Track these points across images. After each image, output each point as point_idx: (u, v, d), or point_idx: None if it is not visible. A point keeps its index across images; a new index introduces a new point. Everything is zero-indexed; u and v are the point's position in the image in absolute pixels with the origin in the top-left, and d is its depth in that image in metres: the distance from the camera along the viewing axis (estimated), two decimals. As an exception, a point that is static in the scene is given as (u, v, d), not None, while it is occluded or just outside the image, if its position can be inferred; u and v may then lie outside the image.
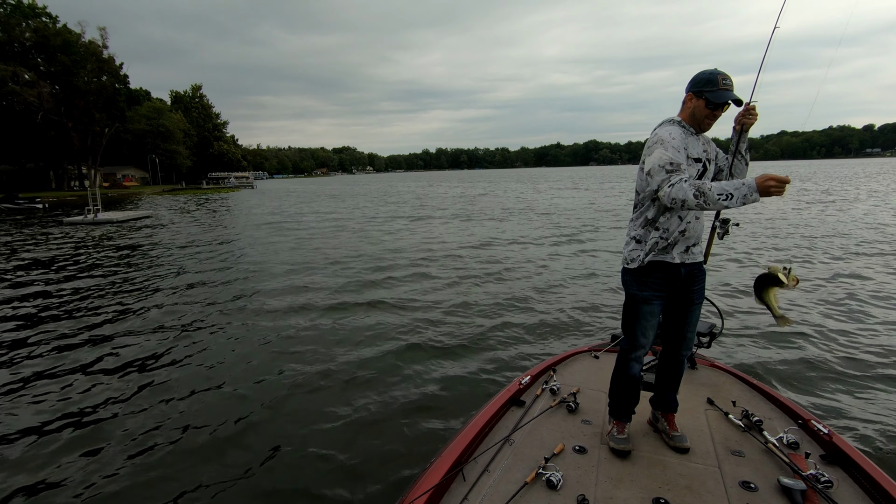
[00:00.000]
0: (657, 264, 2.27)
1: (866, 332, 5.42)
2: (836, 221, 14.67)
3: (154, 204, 34.46)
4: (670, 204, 2.06)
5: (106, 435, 3.62)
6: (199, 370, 4.77)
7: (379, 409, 3.84)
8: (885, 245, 10.52)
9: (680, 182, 2.03)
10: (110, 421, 3.82)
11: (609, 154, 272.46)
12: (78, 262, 11.00)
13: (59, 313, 6.82)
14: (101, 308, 7.01)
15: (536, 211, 21.20)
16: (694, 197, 1.96)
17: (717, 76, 2.14)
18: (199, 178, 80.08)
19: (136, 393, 4.27)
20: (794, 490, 1.96)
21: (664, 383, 2.49)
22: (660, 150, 2.13)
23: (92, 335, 5.84)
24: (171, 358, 5.09)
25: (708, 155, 2.27)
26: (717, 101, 2.14)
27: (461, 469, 2.12)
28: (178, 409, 3.98)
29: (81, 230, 17.40)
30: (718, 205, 1.92)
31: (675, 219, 2.23)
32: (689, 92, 2.21)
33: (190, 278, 8.98)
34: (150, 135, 66.70)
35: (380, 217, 20.44)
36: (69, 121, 48.58)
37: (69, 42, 48.09)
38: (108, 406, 4.06)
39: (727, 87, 2.13)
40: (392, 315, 6.39)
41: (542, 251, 11.13)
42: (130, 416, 3.89)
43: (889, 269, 8.33)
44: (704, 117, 2.19)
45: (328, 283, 8.33)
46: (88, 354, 5.23)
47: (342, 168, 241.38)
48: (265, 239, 14.48)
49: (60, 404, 4.11)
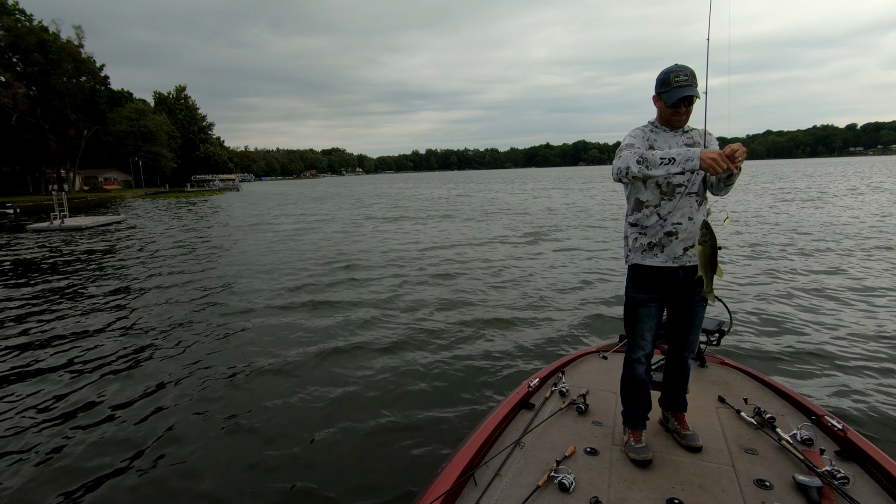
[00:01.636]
0: (648, 269, 2.27)
1: (877, 324, 5.34)
2: (848, 217, 14.51)
3: (131, 208, 33.50)
4: (616, 175, 2.12)
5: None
6: (199, 369, 4.71)
7: (387, 416, 3.77)
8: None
9: (625, 153, 2.10)
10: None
11: (598, 154, 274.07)
12: (30, 272, 10.28)
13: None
14: (36, 319, 6.36)
15: (536, 211, 21.00)
16: (637, 163, 2.02)
17: (670, 75, 2.15)
18: (184, 181, 78.83)
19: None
20: (810, 487, 1.91)
21: (671, 384, 2.47)
22: (621, 143, 2.27)
23: (22, 347, 5.19)
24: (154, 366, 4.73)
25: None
26: (667, 102, 2.17)
27: (472, 474, 2.10)
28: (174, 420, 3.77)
29: (44, 237, 16.57)
30: (661, 169, 1.96)
31: (653, 216, 2.23)
32: (654, 93, 2.25)
33: (149, 284, 8.35)
34: (132, 137, 65.34)
35: (376, 218, 20.05)
36: (46, 123, 47.23)
37: (44, 41, 46.75)
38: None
39: (680, 84, 2.12)
40: (394, 319, 6.22)
41: (543, 251, 10.94)
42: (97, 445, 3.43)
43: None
44: (670, 115, 2.20)
45: (322, 283, 8.29)
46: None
47: (331, 170, 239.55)
48: (236, 248, 13.82)
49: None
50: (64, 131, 49.04)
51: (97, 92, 55.15)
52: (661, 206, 2.22)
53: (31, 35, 45.94)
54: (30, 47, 45.52)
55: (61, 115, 48.41)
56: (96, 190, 60.75)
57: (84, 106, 52.41)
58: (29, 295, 8.29)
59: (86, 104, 52.69)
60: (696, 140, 2.25)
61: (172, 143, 75.68)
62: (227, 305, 7.15)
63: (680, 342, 2.39)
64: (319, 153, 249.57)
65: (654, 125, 2.29)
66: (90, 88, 53.45)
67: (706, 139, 2.26)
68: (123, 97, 73.12)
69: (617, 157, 2.16)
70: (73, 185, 55.81)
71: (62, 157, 51.36)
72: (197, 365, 4.91)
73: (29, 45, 45.36)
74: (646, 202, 2.25)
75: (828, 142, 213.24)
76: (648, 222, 2.24)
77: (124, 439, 3.57)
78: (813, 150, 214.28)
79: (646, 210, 2.24)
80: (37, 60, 45.93)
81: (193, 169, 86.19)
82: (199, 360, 5.05)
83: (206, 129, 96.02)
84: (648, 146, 2.22)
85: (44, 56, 46.45)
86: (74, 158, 52.12)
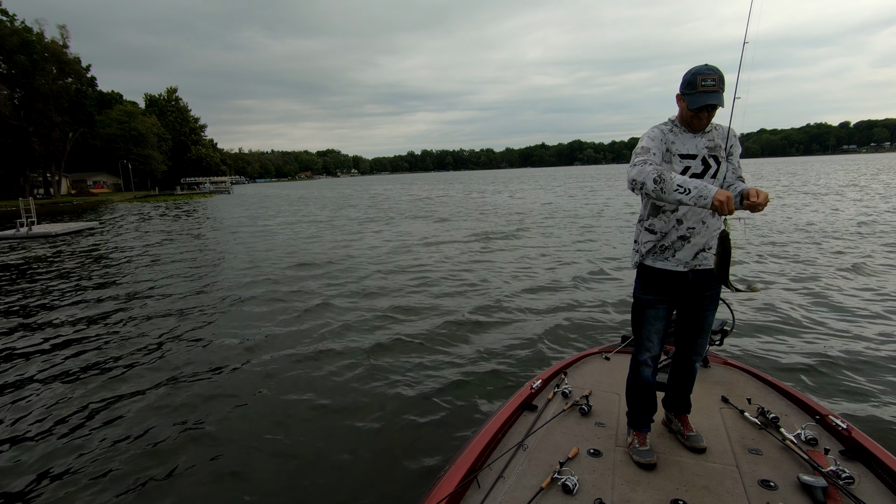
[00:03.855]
0: (658, 271, 2.24)
1: (881, 323, 5.31)
2: (845, 219, 14.25)
3: (114, 212, 32.56)
4: (630, 185, 2.06)
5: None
6: (194, 365, 4.73)
7: (389, 419, 3.74)
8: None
9: (643, 164, 2.03)
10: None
11: (593, 154, 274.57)
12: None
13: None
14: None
15: (535, 212, 20.59)
16: (654, 182, 1.96)
17: (696, 78, 2.05)
18: (175, 184, 77.66)
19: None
20: (815, 487, 1.90)
21: (676, 386, 2.44)
22: (639, 143, 2.20)
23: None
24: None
25: (712, 152, 2.17)
26: (689, 106, 2.09)
27: (476, 476, 2.09)
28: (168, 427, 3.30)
29: (7, 245, 15.60)
30: (674, 195, 1.92)
31: (671, 221, 2.19)
32: (679, 92, 2.16)
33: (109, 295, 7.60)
34: (121, 139, 64.19)
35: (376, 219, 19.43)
36: (29, 125, 46.12)
37: (28, 42, 45.64)
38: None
39: (706, 90, 2.03)
40: (395, 321, 6.15)
41: (544, 253, 10.73)
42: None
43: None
44: (691, 118, 2.14)
45: (321, 283, 8.40)
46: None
47: (326, 171, 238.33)
48: (201, 255, 13.04)
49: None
50: (48, 134, 47.87)
51: (83, 93, 54.02)
52: (679, 210, 2.17)
53: (14, 36, 44.80)
54: (13, 48, 44.40)
55: (45, 118, 47.26)
56: (83, 194, 59.65)
57: (70, 108, 51.27)
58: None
59: (72, 106, 51.56)
60: (717, 142, 2.18)
61: (163, 145, 74.56)
62: (176, 316, 6.58)
63: (689, 346, 2.34)
64: (314, 154, 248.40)
65: (674, 124, 2.21)
66: (76, 90, 52.30)
67: (729, 139, 2.19)
68: (113, 99, 71.96)
69: (632, 164, 2.07)
70: (58, 189, 54.68)
71: (47, 161, 50.19)
72: (178, 372, 4.58)
73: (12, 45, 44.23)
74: (663, 207, 2.20)
75: (821, 140, 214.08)
76: (665, 228, 2.20)
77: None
78: (807, 149, 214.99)
79: (663, 215, 2.20)
80: (20, 61, 44.82)
81: (185, 171, 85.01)
82: (175, 370, 4.73)
83: (198, 131, 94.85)
84: (665, 148, 2.16)
85: (27, 57, 45.35)
86: (59, 161, 50.95)
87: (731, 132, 2.19)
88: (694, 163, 2.15)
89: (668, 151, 2.15)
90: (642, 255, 2.27)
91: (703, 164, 2.15)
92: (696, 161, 2.15)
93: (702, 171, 2.15)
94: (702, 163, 2.15)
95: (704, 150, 2.16)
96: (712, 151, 2.16)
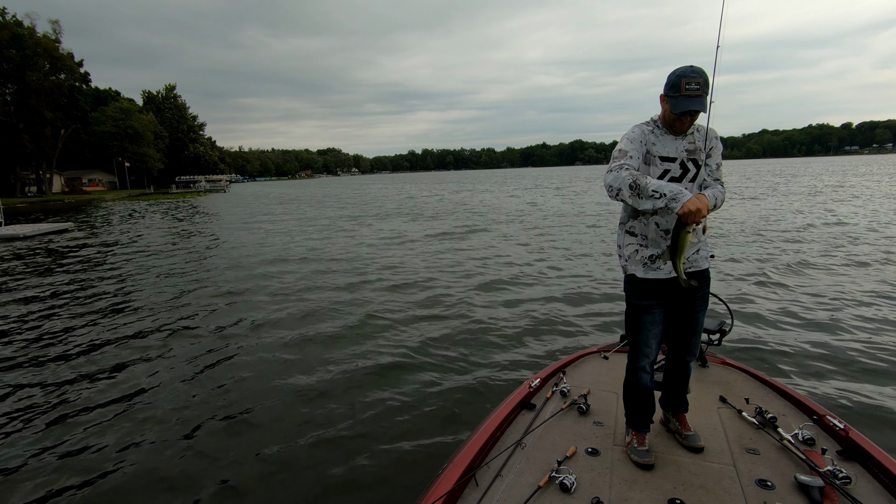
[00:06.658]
0: (651, 281, 2.21)
1: (878, 323, 5.30)
2: (849, 213, 14.10)
3: (101, 211, 31.71)
4: (607, 191, 2.05)
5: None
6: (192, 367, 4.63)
7: (388, 417, 3.73)
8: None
9: (619, 170, 2.00)
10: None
11: (594, 154, 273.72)
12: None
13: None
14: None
15: (535, 212, 20.19)
16: (630, 188, 1.94)
17: (682, 80, 2.01)
18: (171, 182, 76.73)
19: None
20: (812, 487, 1.91)
21: (671, 386, 2.44)
22: (618, 144, 2.19)
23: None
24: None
25: (691, 155, 2.15)
26: (672, 109, 2.07)
27: (473, 474, 2.10)
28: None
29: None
30: (650, 201, 1.91)
31: (650, 223, 2.16)
32: (662, 93, 2.14)
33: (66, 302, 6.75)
34: (116, 137, 63.27)
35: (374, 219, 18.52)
36: (20, 121, 45.26)
37: (19, 36, 44.78)
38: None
39: (689, 94, 2.00)
40: (396, 322, 6.07)
41: (545, 252, 10.62)
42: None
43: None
44: (673, 121, 2.11)
45: (318, 284, 8.25)
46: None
47: (326, 170, 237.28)
48: (179, 256, 12.21)
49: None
50: (40, 130, 46.99)
51: (77, 89, 53.14)
52: (660, 213, 2.12)
53: (5, 30, 44.00)
54: (3, 43, 43.56)
55: (37, 114, 46.40)
56: (77, 192, 58.82)
57: (63, 104, 50.43)
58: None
59: (65, 102, 50.71)
60: (698, 145, 2.17)
61: (160, 143, 73.67)
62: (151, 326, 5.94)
63: (682, 347, 2.34)
64: (315, 153, 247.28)
65: (656, 125, 2.18)
66: (69, 86, 51.43)
67: (708, 141, 2.18)
68: (109, 96, 71.05)
69: (609, 169, 2.06)
70: (50, 187, 53.83)
71: (38, 158, 49.32)
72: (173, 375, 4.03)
73: (2, 40, 43.41)
74: (643, 210, 2.12)
75: (823, 140, 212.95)
76: (648, 232, 2.17)
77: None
78: (809, 149, 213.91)
79: (643, 217, 2.18)
80: (10, 56, 43.98)
81: (182, 169, 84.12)
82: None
83: (197, 129, 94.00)
84: (646, 150, 2.13)
85: (18, 52, 44.51)
86: (51, 159, 50.05)
87: (710, 134, 2.17)
88: (673, 166, 2.12)
89: (648, 153, 2.12)
90: (626, 260, 2.24)
91: (681, 168, 2.13)
92: (675, 164, 2.12)
93: (680, 174, 2.13)
94: (680, 166, 2.13)
95: (684, 154, 2.14)
96: (692, 155, 2.14)
